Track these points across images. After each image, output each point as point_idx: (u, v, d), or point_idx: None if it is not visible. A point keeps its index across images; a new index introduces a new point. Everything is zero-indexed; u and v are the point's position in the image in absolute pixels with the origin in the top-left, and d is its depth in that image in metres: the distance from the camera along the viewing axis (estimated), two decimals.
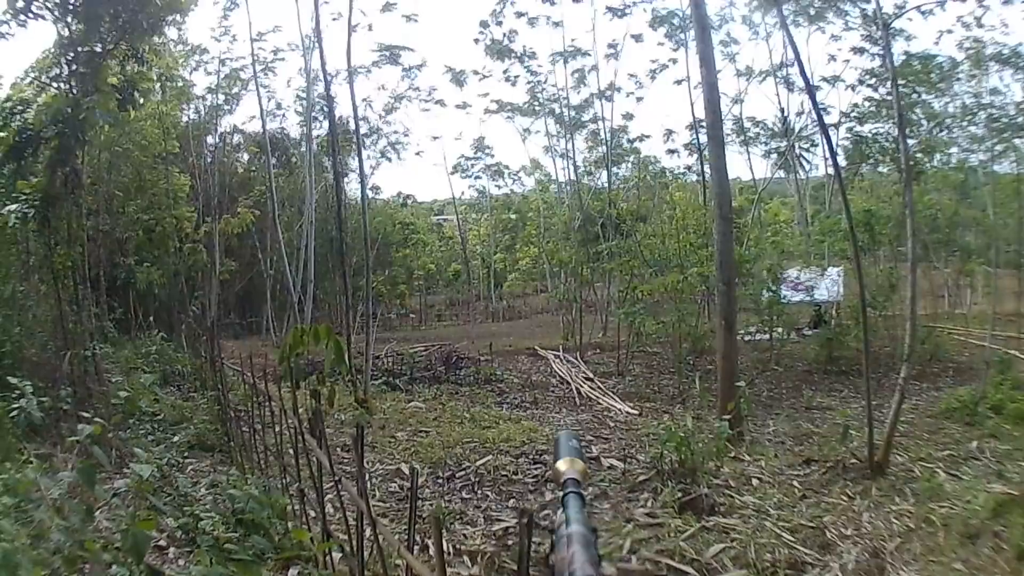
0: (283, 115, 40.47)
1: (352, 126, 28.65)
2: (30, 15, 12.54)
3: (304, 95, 36.10)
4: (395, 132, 39.92)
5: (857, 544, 6.68)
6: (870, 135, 31.08)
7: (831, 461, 9.34)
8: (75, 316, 12.39)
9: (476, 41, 34.39)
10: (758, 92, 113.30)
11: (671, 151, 37.64)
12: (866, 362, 10.61)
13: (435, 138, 62.69)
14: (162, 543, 6.07)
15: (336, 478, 4.69)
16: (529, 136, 41.94)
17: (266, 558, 5.48)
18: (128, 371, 15.08)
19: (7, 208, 12.05)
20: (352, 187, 39.95)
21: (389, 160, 41.80)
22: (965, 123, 28.88)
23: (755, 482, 8.84)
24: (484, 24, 34.19)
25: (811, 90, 22.31)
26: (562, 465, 1.48)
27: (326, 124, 33.91)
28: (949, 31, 27.42)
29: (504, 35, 34.21)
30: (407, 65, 35.78)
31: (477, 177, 48.89)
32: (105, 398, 11.15)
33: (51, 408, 8.98)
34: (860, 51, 29.69)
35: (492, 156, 47.30)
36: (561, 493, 1.38)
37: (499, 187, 51.90)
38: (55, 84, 13.28)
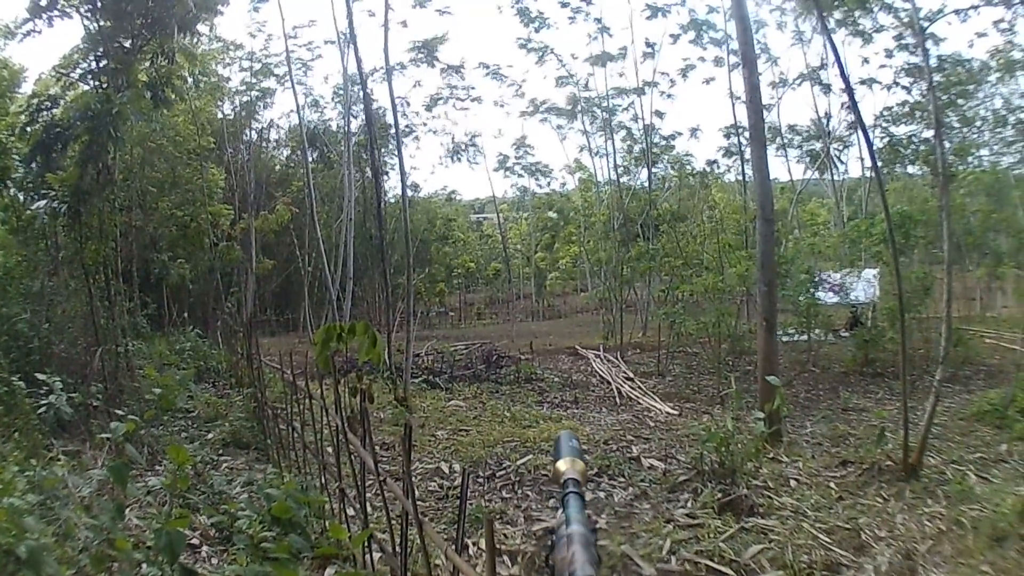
0: (321, 110, 40.53)
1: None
2: (55, 13, 12.56)
3: (341, 91, 35.81)
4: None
5: (891, 546, 6.81)
6: (904, 137, 30.91)
7: (867, 463, 9.46)
8: (107, 312, 12.37)
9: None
10: (789, 97, 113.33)
11: (713, 160, 37.14)
12: (903, 365, 10.57)
13: (474, 136, 62.13)
14: (195, 541, 6.04)
15: (381, 478, 4.56)
16: (566, 135, 41.91)
17: (302, 557, 5.37)
18: (161, 367, 15.07)
19: (36, 204, 12.09)
20: (391, 183, 39.95)
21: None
22: (996, 126, 28.73)
23: (793, 483, 9.01)
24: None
25: (850, 91, 22.00)
26: (562, 465, 1.52)
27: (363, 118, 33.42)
28: (983, 34, 27.14)
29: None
30: (445, 65, 35.39)
31: (520, 175, 48.61)
32: (137, 394, 11.13)
33: (81, 404, 8.94)
34: (890, 54, 29.32)
35: (532, 155, 47.05)
36: (561, 493, 1.42)
37: (540, 187, 51.68)
38: (85, 80, 13.28)
